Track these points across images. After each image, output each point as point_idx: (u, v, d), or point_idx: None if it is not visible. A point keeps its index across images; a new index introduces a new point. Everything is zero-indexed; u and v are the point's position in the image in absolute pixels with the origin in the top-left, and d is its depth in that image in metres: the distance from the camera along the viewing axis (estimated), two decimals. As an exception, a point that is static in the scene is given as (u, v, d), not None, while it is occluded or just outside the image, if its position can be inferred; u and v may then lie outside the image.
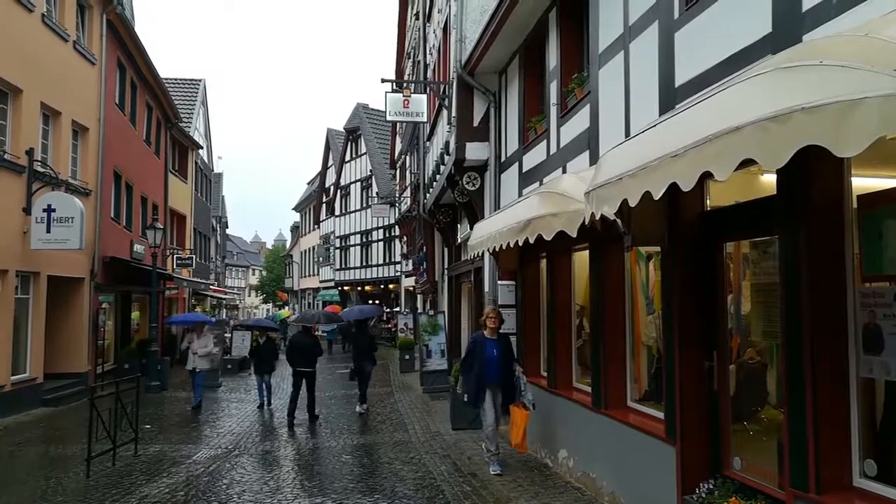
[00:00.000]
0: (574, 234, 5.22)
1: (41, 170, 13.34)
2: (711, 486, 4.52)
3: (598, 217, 4.33)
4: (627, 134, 5.91)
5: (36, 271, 13.45)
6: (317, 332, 22.50)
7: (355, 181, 39.90)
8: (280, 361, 15.88)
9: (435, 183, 14.61)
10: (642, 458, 5.53)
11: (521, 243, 6.16)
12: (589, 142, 6.84)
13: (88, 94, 15.87)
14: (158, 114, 22.94)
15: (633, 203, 3.71)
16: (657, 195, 3.43)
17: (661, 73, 5.35)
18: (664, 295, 5.26)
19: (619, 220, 5.04)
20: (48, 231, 12.87)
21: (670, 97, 5.17)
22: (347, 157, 41.07)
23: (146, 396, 13.47)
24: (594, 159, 6.65)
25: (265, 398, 13.87)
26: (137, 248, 19.69)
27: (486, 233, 7.55)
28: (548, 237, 5.53)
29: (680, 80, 5.07)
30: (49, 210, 12.88)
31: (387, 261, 35.61)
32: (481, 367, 7.63)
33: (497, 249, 7.38)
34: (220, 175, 44.55)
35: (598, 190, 4.17)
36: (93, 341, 16.15)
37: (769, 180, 4.37)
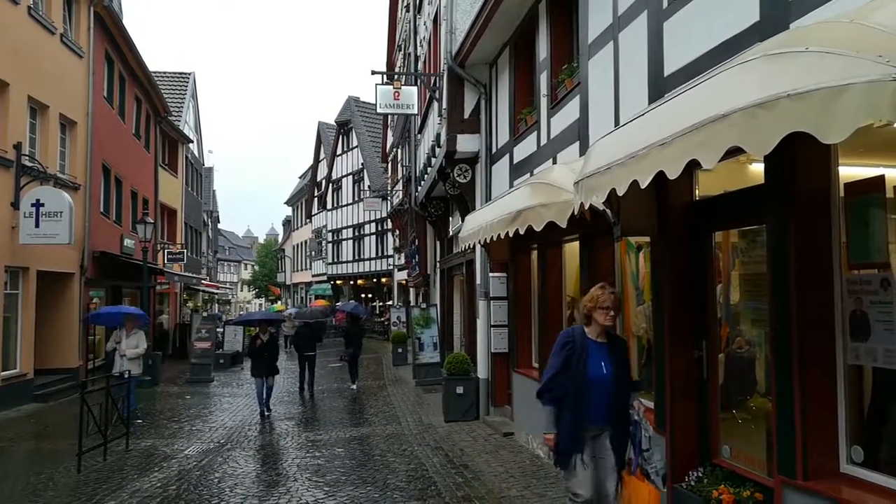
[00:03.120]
0: (564, 225, 5.23)
1: (29, 164, 13.24)
2: (701, 475, 4.54)
3: (587, 207, 4.33)
4: (617, 124, 5.89)
5: (25, 266, 13.36)
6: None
7: (347, 175, 39.82)
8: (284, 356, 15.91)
9: (426, 175, 14.58)
10: (633, 448, 5.55)
11: (511, 234, 6.16)
12: (579, 132, 6.84)
13: (76, 88, 15.74)
14: (148, 107, 22.78)
15: (620, 192, 3.70)
16: (644, 183, 3.43)
17: (650, 63, 5.34)
18: (654, 285, 5.28)
19: (608, 210, 5.04)
20: (37, 226, 12.78)
21: (659, 87, 5.17)
22: (339, 151, 40.97)
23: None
24: (584, 150, 6.63)
25: (266, 404, 11.95)
26: (128, 242, 19.59)
27: (478, 224, 7.54)
28: (538, 228, 5.53)
29: (669, 69, 5.07)
30: (37, 205, 12.78)
31: (379, 254, 35.59)
32: (581, 393, 4.23)
33: (488, 241, 7.37)
34: (210, 169, 44.32)
35: (586, 180, 4.17)
36: (83, 336, 16.07)
37: (757, 169, 4.39)
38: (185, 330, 24.77)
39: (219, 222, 53.46)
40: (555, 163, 7.51)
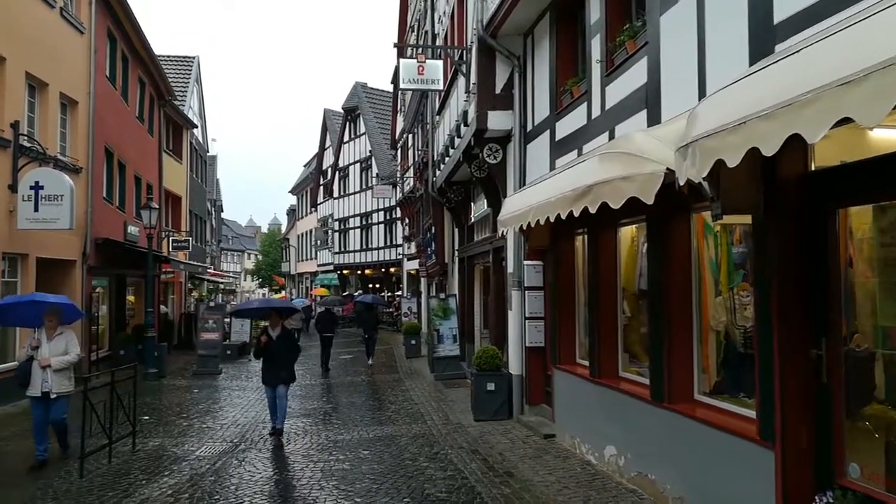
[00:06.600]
0: (651, 201, 4.42)
1: (27, 144, 12.45)
2: (831, 500, 3.77)
3: (703, 174, 3.52)
4: (701, 87, 5.11)
5: (24, 253, 12.58)
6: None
7: (354, 162, 38.96)
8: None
9: (447, 158, 13.74)
10: (723, 461, 4.78)
11: (576, 213, 5.34)
12: (647, 100, 6.02)
13: (77, 66, 14.90)
14: (151, 90, 21.92)
15: (768, 152, 2.91)
16: (814, 138, 2.65)
17: (751, 11, 4.53)
18: (758, 272, 4.49)
19: (705, 184, 4.25)
20: (36, 210, 11.98)
21: (766, 38, 4.35)
22: (346, 138, 40.10)
23: (144, 385, 12.69)
24: (654, 119, 5.85)
25: (281, 420, 9.09)
26: (132, 229, 18.80)
27: (525, 205, 6.74)
28: (615, 205, 4.72)
29: (779, 16, 4.25)
30: (37, 187, 11.98)
31: (388, 244, 34.80)
32: None
33: (535, 224, 6.58)
34: (214, 157, 43.44)
35: (704, 140, 3.38)
36: (86, 327, 15.27)
37: (881, 137, 3.66)
38: (191, 320, 24.03)
39: (222, 211, 52.61)
40: (612, 137, 6.70)
